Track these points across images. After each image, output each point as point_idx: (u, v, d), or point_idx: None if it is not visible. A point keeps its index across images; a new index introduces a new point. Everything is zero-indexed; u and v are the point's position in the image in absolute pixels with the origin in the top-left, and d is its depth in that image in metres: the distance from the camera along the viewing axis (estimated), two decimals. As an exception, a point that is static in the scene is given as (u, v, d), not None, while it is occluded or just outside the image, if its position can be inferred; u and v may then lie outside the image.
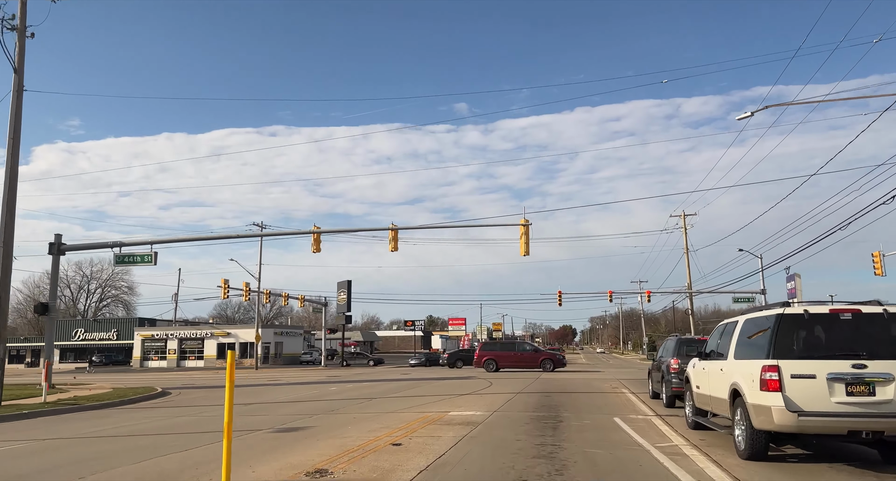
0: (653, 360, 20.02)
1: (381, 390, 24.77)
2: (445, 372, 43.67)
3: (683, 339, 17.76)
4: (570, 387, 24.31)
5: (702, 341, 16.94)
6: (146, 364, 75.95)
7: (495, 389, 23.54)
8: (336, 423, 13.70)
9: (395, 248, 28.27)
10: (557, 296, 62.72)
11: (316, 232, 28.74)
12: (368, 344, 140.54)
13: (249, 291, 51.57)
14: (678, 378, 15.83)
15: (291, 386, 28.83)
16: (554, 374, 36.33)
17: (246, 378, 40.11)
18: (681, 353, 16.60)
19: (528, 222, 27.78)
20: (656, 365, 18.77)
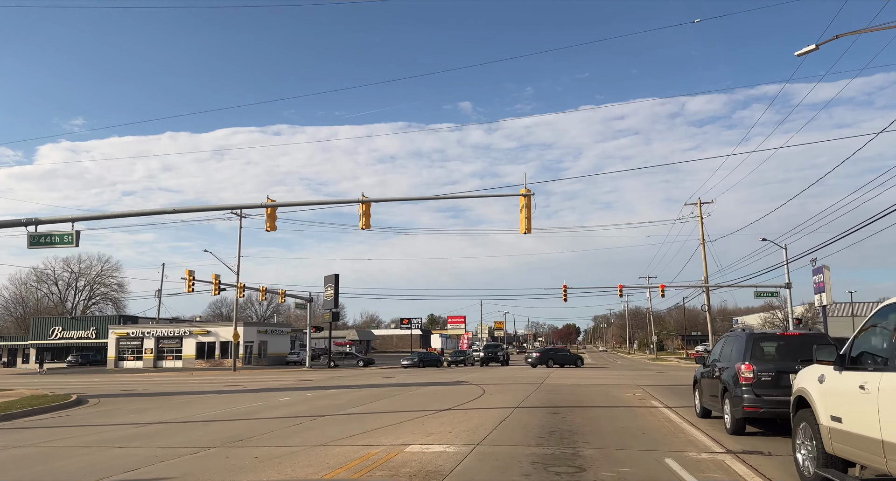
0: (703, 364, 14.46)
1: (343, 401, 19.52)
2: (438, 374, 38.40)
3: (758, 335, 12.43)
4: (585, 398, 19.01)
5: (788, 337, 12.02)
6: (121, 364, 70.84)
7: (487, 401, 18.26)
8: (215, 471, 8.45)
9: (367, 225, 23.00)
10: (563, 291, 57.62)
11: (269, 205, 23.45)
12: (364, 343, 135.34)
13: (220, 284, 46.33)
14: (753, 393, 11.08)
15: (238, 394, 23.62)
16: (561, 380, 30.98)
17: (204, 381, 34.94)
18: (756, 356, 11.55)
19: (529, 192, 22.48)
20: (710, 372, 13.44)
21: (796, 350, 11.25)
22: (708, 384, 13.46)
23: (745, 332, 12.40)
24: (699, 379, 14.41)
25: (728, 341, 13.16)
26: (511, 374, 36.66)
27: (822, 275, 57.35)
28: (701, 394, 14.15)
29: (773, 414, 10.82)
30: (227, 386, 30.13)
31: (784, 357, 11.43)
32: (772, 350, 11.78)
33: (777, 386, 10.89)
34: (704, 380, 13.87)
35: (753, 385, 11.10)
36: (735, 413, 11.31)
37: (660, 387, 23.74)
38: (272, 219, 23.37)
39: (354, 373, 43.19)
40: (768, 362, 11.36)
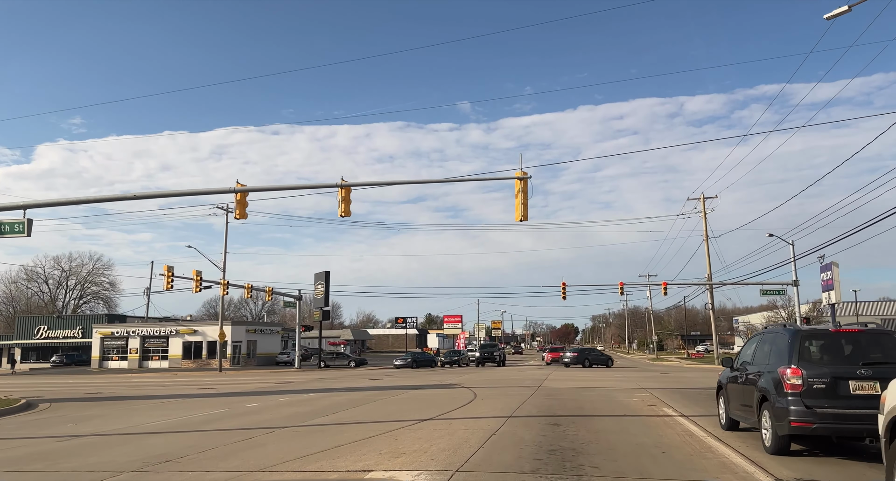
0: (730, 367, 11.95)
1: (315, 408, 17.32)
2: (430, 376, 36.23)
3: (807, 331, 9.84)
4: (588, 405, 16.82)
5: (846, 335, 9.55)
6: (106, 364, 68.57)
7: (477, 409, 16.06)
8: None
9: (347, 212, 20.82)
10: (561, 289, 55.47)
11: (238, 190, 21.25)
12: (359, 342, 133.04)
13: (201, 281, 44.09)
14: (803, 404, 8.79)
15: (206, 399, 21.41)
16: (560, 382, 28.81)
17: (181, 384, 32.71)
18: (805, 357, 9.23)
19: (525, 175, 20.31)
20: (740, 377, 11.07)
21: (856, 350, 9.24)
22: (738, 391, 11.09)
23: (790, 328, 9.96)
24: (725, 384, 12.02)
25: (765, 340, 10.76)
26: (506, 376, 34.50)
27: (830, 272, 55.22)
28: (727, 403, 11.79)
29: (830, 430, 8.68)
30: (202, 389, 27.93)
31: (841, 359, 9.23)
32: (824, 350, 9.49)
33: (834, 396, 8.74)
34: (733, 386, 11.50)
35: (803, 394, 8.82)
36: (779, 428, 8.98)
37: (669, 392, 21.57)
38: (242, 206, 21.20)
39: (342, 375, 40.99)
40: (821, 366, 9.07)
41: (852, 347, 9.32)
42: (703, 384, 25.69)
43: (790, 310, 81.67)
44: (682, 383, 26.69)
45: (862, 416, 8.15)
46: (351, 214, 20.99)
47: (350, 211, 20.96)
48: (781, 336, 9.93)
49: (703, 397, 19.26)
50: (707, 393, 20.95)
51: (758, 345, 11.03)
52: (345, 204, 20.73)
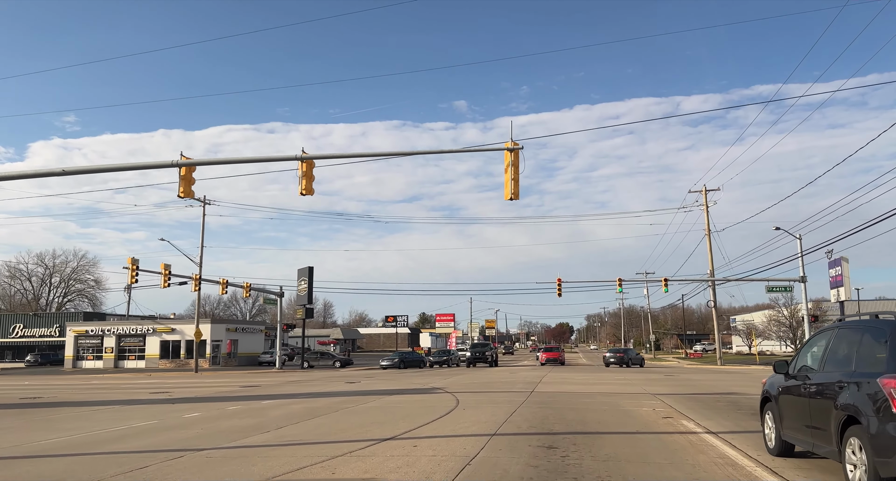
0: (784, 374, 8.88)
1: (262, 421, 14.40)
2: (413, 378, 33.31)
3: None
4: (590, 417, 13.90)
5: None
6: (80, 364, 65.46)
7: (455, 423, 13.12)
8: None
9: (309, 189, 17.87)
10: (557, 285, 52.67)
11: (184, 163, 18.27)
12: (350, 342, 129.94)
13: (170, 276, 41.03)
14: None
15: (148, 407, 18.43)
16: (555, 386, 25.93)
17: (140, 387, 29.71)
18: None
19: (516, 145, 17.41)
20: (806, 388, 8.02)
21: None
22: (800, 406, 8.08)
23: (889, 318, 6.98)
24: (776, 395, 8.99)
25: (841, 336, 7.79)
26: (497, 378, 31.59)
27: (839, 268, 52.41)
28: (780, 421, 8.76)
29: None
30: (156, 393, 24.96)
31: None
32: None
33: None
34: (790, 400, 8.48)
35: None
36: (884, 467, 6.00)
37: (681, 398, 18.70)
38: (187, 182, 18.25)
39: (322, 377, 38.03)
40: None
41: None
42: (716, 388, 22.85)
43: (792, 308, 79.05)
44: (692, 387, 23.84)
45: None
46: (314, 193, 18.03)
47: (312, 189, 18.02)
48: (876, 330, 7.02)
49: (723, 405, 16.42)
50: (726, 399, 18.11)
51: (830, 343, 8.03)
52: (306, 180, 17.78)
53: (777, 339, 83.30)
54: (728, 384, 25.55)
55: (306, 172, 17.78)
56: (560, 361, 56.40)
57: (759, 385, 24.87)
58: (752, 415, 14.20)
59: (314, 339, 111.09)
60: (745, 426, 12.42)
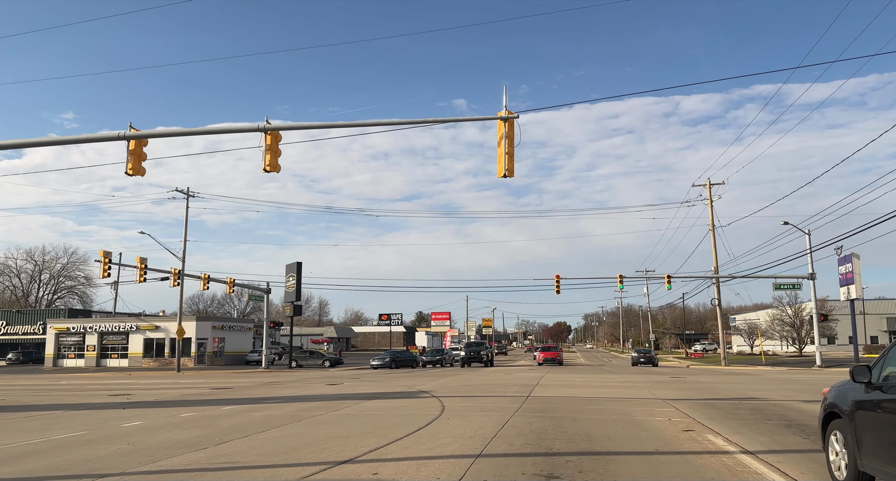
0: (865, 383, 6.59)
1: (211, 431, 12.16)
2: (401, 380, 31.09)
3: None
4: (597, 430, 11.66)
5: None
6: (61, 362, 63.07)
7: (433, 440, 10.87)
8: None
9: (274, 165, 15.64)
10: (555, 282, 50.51)
11: (132, 136, 15.99)
12: (344, 340, 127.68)
13: (145, 270, 38.73)
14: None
15: (91, 412, 16.17)
16: (554, 390, 23.74)
17: (108, 388, 27.45)
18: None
19: (511, 114, 15.18)
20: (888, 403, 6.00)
21: None
22: (886, 426, 6.03)
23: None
24: (850, 411, 6.76)
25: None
26: (491, 379, 29.36)
27: (850, 265, 50.21)
28: (858, 445, 6.48)
29: None
30: (116, 395, 22.73)
31: None
32: None
33: None
34: (871, 416, 6.39)
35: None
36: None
37: (696, 405, 16.49)
38: (136, 158, 15.99)
39: (304, 377, 35.79)
40: None
41: None
42: (732, 393, 20.65)
43: (796, 307, 76.91)
44: (704, 391, 21.64)
45: None
46: (280, 169, 15.79)
47: (278, 165, 15.78)
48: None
49: (747, 414, 14.23)
50: (748, 406, 15.91)
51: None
52: (271, 154, 15.54)
53: (780, 339, 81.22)
54: (742, 387, 23.36)
55: (271, 145, 15.55)
56: (558, 361, 54.25)
57: (775, 388, 22.48)
58: (787, 427, 12.03)
59: (307, 338, 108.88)
60: (785, 443, 10.21)
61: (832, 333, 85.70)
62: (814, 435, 10.89)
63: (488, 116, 15.77)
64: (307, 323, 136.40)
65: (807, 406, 16.29)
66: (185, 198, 50.29)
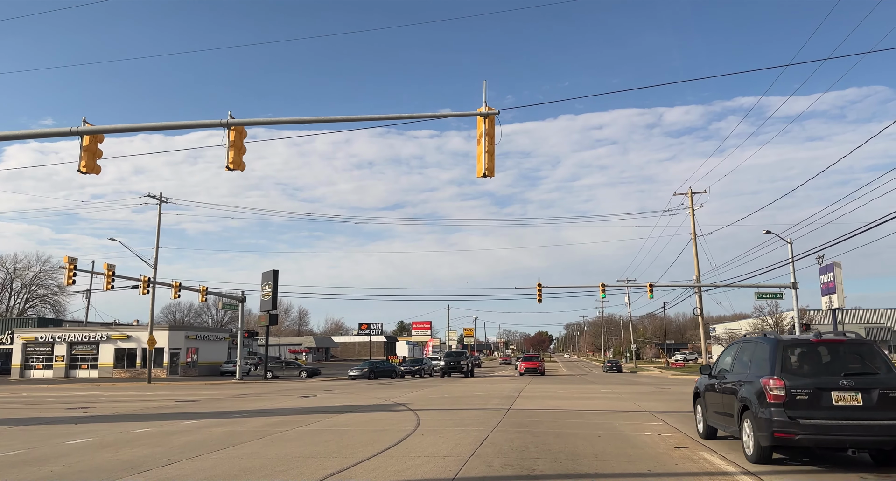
0: (708, 375, 11.66)
1: (157, 451, 11.07)
2: (378, 391, 30.03)
3: (788, 341, 9.42)
4: (583, 448, 10.75)
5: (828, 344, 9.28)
6: (28, 373, 61.01)
7: (403, 460, 9.89)
8: None
9: (238, 163, 14.64)
10: (537, 291, 49.70)
11: (87, 132, 14.92)
12: (324, 350, 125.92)
13: (113, 277, 37.31)
14: (786, 415, 8.53)
15: (34, 428, 14.92)
16: (536, 402, 22.86)
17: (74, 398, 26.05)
18: (787, 368, 8.91)
19: (492, 111, 14.36)
20: (718, 385, 10.89)
21: (837, 360, 9.13)
22: (716, 399, 11.01)
23: (771, 337, 9.82)
24: (703, 392, 11.84)
25: (744, 348, 10.59)
26: (471, 391, 28.39)
27: (831, 274, 49.93)
28: (705, 410, 11.67)
29: (813, 441, 8.54)
30: (73, 408, 21.43)
31: (822, 369, 9.05)
32: (805, 360, 9.26)
33: (816, 407, 8.58)
34: (711, 395, 11.36)
35: (786, 405, 8.62)
36: (761, 438, 8.80)
37: (685, 418, 15.68)
38: (90, 155, 14.91)
39: (277, 389, 34.57)
40: (803, 376, 8.88)
41: (832, 357, 9.19)
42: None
43: (777, 317, 76.78)
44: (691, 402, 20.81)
45: (845, 427, 8.34)
46: (244, 167, 14.80)
47: (243, 162, 14.79)
48: (762, 345, 9.75)
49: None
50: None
51: (737, 353, 10.83)
52: (234, 151, 14.54)
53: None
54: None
55: (234, 142, 14.56)
56: (540, 371, 53.43)
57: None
58: (786, 444, 11.16)
59: (286, 348, 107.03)
60: (787, 461, 9.38)
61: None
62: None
63: (468, 112, 14.92)
64: (287, 332, 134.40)
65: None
66: (157, 204, 48.96)
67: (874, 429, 8.30)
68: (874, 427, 8.31)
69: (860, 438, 8.33)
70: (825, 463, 9.24)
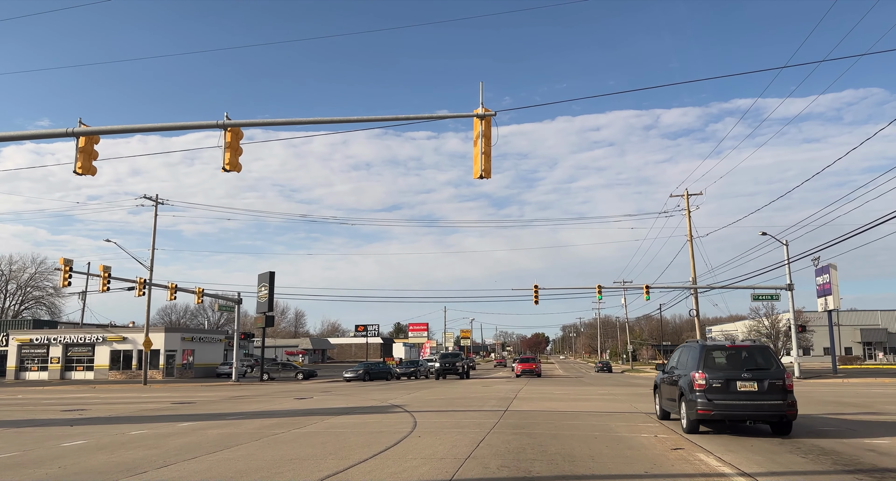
0: (662, 371, 15.44)
1: (152, 454, 11.05)
2: (375, 393, 30.00)
3: (710, 345, 13.23)
4: (579, 448, 10.75)
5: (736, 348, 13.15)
6: (23, 375, 60.82)
7: (400, 462, 9.87)
8: None
9: (234, 164, 14.64)
10: (533, 292, 49.74)
11: (83, 132, 14.90)
12: (320, 352, 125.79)
13: (109, 279, 37.23)
14: (706, 397, 12.17)
15: (26, 431, 14.88)
16: (533, 404, 22.85)
17: (68, 401, 25.98)
18: (708, 364, 12.58)
19: (488, 112, 14.37)
20: (668, 378, 14.41)
21: (741, 359, 12.68)
22: (667, 389, 14.43)
23: (699, 343, 13.31)
24: (659, 384, 15.38)
25: (684, 351, 13.96)
26: (467, 392, 28.39)
27: (827, 276, 50.10)
28: (660, 398, 15.22)
29: (724, 416, 12.13)
30: (69, 410, 21.37)
31: (732, 366, 12.54)
32: (722, 359, 12.77)
33: (726, 392, 12.07)
34: (664, 386, 14.77)
35: (706, 390, 12.12)
36: (690, 415, 12.39)
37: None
38: (86, 156, 14.91)
39: (273, 391, 34.51)
40: (719, 370, 12.38)
41: (740, 357, 12.77)
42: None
43: (773, 318, 76.86)
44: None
45: (745, 406, 11.99)
46: (240, 168, 14.80)
47: (239, 164, 14.78)
48: (694, 348, 13.27)
49: (735, 427, 13.46)
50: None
51: (680, 354, 14.13)
52: (230, 152, 14.54)
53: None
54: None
55: (230, 143, 14.56)
56: (536, 373, 53.41)
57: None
58: (781, 445, 11.27)
59: (282, 349, 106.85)
60: (782, 463, 9.41)
61: (808, 344, 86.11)
62: (811, 454, 10.24)
63: (464, 114, 14.92)
64: (283, 334, 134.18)
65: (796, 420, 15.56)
66: (153, 205, 48.86)
67: (764, 407, 11.93)
68: (765, 405, 11.92)
69: (755, 414, 12.06)
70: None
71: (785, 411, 11.88)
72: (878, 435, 12.62)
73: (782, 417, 11.97)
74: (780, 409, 11.84)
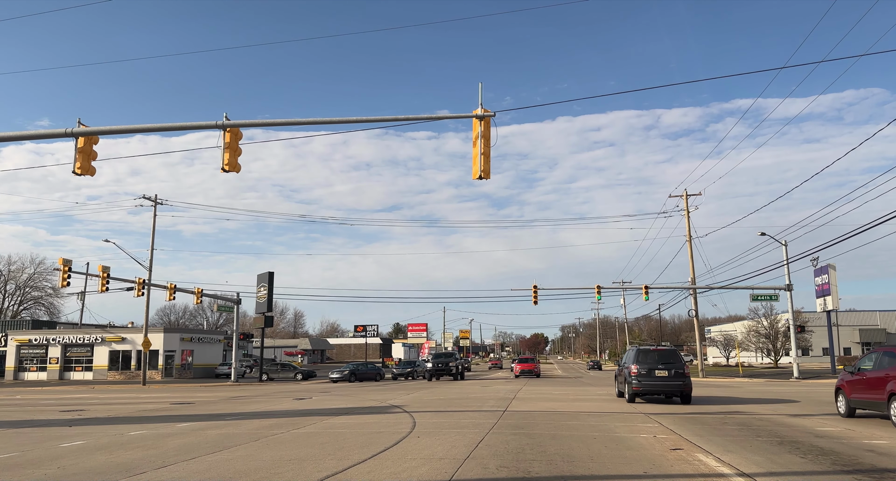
0: (618, 366, 24.23)
1: (149, 454, 11.03)
2: (372, 394, 29.98)
3: (642, 348, 21.44)
4: (578, 449, 10.74)
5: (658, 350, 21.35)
6: (22, 375, 60.79)
7: (400, 463, 9.86)
8: None
9: (233, 165, 14.63)
10: (532, 292, 49.74)
11: (82, 133, 14.89)
12: (319, 353, 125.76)
13: (108, 279, 37.20)
14: (638, 380, 20.33)
15: (24, 431, 14.86)
16: (532, 405, 22.81)
17: (65, 401, 25.95)
18: (639, 360, 20.49)
19: (487, 113, 14.37)
20: (620, 369, 22.96)
21: (659, 356, 20.66)
22: (620, 376, 22.78)
23: (636, 346, 22.15)
24: (617, 374, 24.17)
25: (629, 351, 22.53)
26: (466, 393, 28.36)
27: (826, 276, 50.15)
28: (617, 383, 23.76)
29: (647, 391, 20.59)
30: (67, 411, 21.36)
31: (653, 360, 20.51)
32: (647, 356, 20.74)
33: (649, 377, 20.25)
34: (619, 375, 23.24)
35: (637, 376, 20.33)
36: (629, 391, 20.72)
37: (680, 419, 15.70)
38: (85, 157, 14.90)
39: (272, 391, 34.49)
40: (645, 363, 20.47)
41: (658, 355, 20.74)
42: (715, 406, 19.92)
43: (772, 319, 76.89)
44: (686, 404, 20.85)
45: (660, 386, 20.36)
46: (240, 169, 14.80)
47: (238, 164, 14.78)
48: (633, 350, 21.75)
49: (734, 429, 13.50)
50: (734, 421, 15.17)
51: (627, 354, 22.84)
52: (229, 152, 14.53)
53: (755, 350, 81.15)
54: (724, 400, 22.67)
55: (230, 144, 14.55)
56: (536, 373, 53.43)
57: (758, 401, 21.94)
58: (780, 445, 11.27)
59: (281, 350, 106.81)
60: (782, 463, 9.42)
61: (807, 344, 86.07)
62: (810, 454, 10.24)
63: (464, 114, 14.92)
64: (282, 334, 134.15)
65: (796, 420, 15.59)
66: (153, 205, 48.83)
67: (671, 386, 20.20)
68: (671, 385, 20.16)
69: (666, 390, 20.42)
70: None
71: (683, 388, 20.12)
72: (877, 435, 12.63)
73: (682, 392, 20.19)
74: (680, 387, 20.12)
